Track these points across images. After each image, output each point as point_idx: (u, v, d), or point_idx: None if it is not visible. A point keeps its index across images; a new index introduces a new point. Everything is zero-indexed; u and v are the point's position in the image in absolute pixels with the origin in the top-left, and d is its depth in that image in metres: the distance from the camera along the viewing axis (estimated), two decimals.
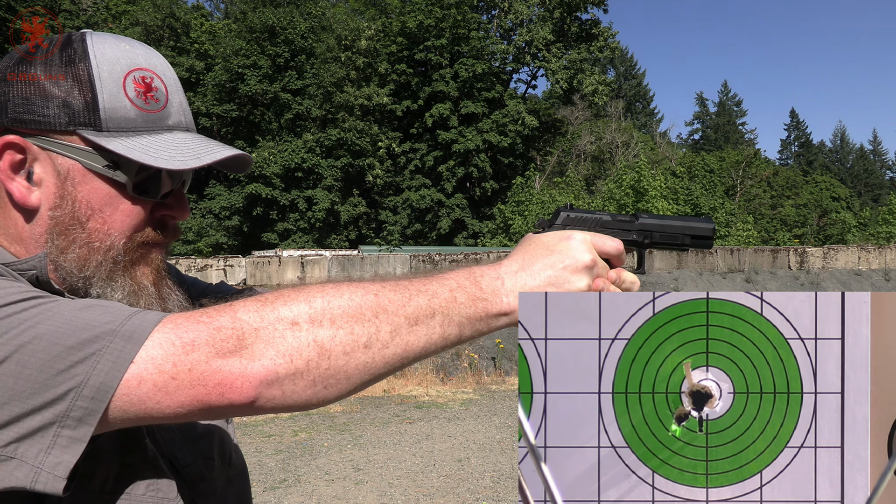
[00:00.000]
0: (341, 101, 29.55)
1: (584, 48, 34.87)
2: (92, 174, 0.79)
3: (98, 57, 0.79)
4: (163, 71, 0.83)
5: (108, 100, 0.78)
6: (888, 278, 18.16)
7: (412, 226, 31.35)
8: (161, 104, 0.81)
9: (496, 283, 0.78)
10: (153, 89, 0.81)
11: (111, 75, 0.78)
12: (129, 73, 0.79)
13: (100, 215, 0.79)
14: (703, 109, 71.28)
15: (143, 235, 0.82)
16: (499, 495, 5.92)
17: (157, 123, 0.81)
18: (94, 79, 0.78)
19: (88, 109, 0.77)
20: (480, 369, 13.52)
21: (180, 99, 0.84)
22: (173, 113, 0.83)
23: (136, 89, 0.79)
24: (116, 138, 0.78)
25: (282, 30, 30.07)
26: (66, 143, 0.78)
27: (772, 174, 44.05)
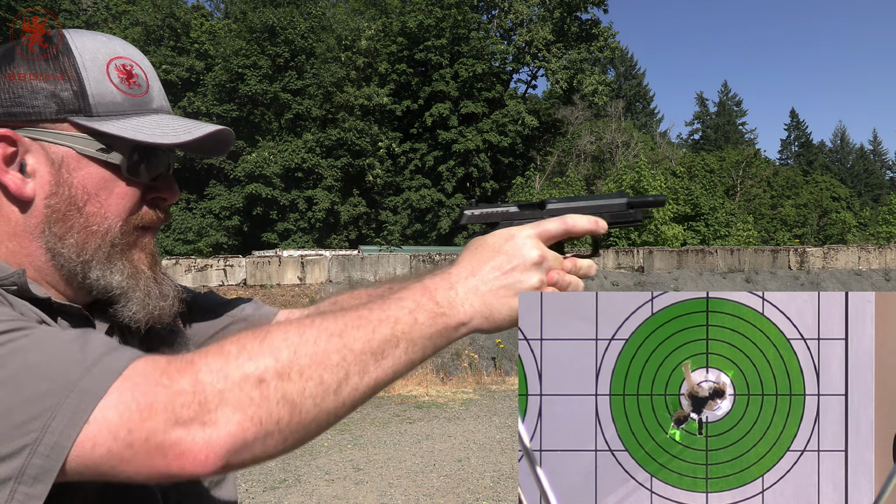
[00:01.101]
0: (341, 101, 29.56)
1: (584, 48, 34.87)
2: (86, 159, 0.81)
3: (79, 48, 0.82)
4: (140, 60, 0.86)
5: (95, 86, 0.80)
6: (888, 278, 18.15)
7: (412, 226, 31.36)
8: (143, 89, 0.85)
9: (450, 293, 0.76)
10: (134, 76, 0.84)
11: (94, 63, 0.81)
12: (111, 60, 0.83)
13: (96, 199, 0.81)
14: (703, 109, 71.32)
15: (137, 218, 0.85)
16: (499, 495, 5.91)
17: (143, 106, 0.84)
18: (80, 68, 0.80)
19: (77, 96, 0.79)
20: (480, 369, 13.51)
21: (159, 86, 0.88)
22: (155, 97, 0.86)
23: (119, 76, 0.82)
24: (107, 121, 0.80)
25: (282, 30, 30.07)
26: (57, 131, 0.80)
27: (772, 174, 44.07)
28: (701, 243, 28.02)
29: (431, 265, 16.10)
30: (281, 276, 15.27)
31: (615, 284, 16.85)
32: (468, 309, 0.76)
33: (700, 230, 29.05)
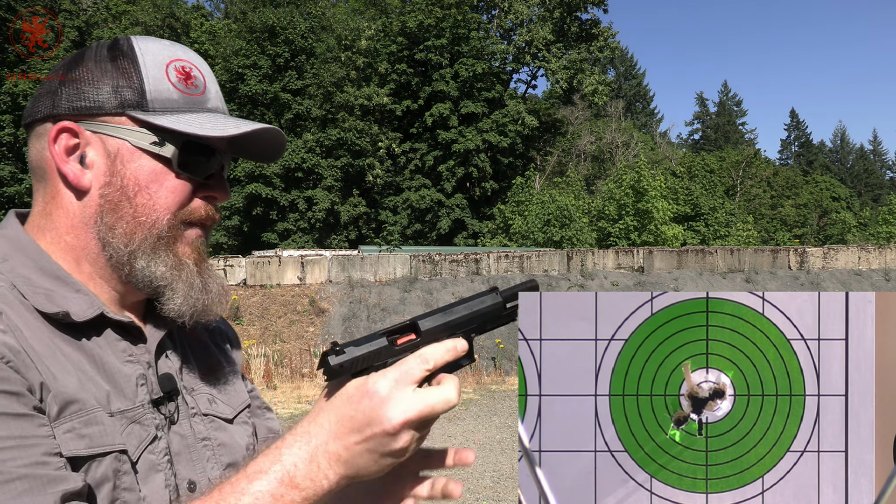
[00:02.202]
0: (341, 101, 29.55)
1: (584, 48, 34.87)
2: (140, 151, 0.84)
3: (142, 50, 0.86)
4: (199, 64, 0.90)
5: (153, 83, 0.85)
6: (888, 278, 18.14)
7: (412, 226, 31.35)
8: (200, 90, 0.88)
9: (311, 468, 0.73)
10: (192, 77, 0.88)
11: (154, 63, 0.86)
12: (171, 62, 0.87)
13: (146, 191, 0.84)
14: (703, 109, 71.33)
15: (186, 213, 0.87)
16: (499, 495, 5.91)
17: (198, 105, 0.87)
18: (140, 66, 0.85)
19: (136, 92, 0.84)
20: (480, 369, 13.50)
21: (216, 89, 0.92)
22: (212, 98, 0.89)
23: (177, 76, 0.87)
24: (162, 116, 0.84)
25: (282, 30, 30.06)
26: (115, 124, 0.84)
27: (772, 174, 44.07)
28: (701, 243, 28.01)
29: (431, 265, 16.09)
30: (281, 276, 15.27)
31: (615, 284, 16.84)
32: (333, 477, 0.73)
33: (700, 230, 29.05)
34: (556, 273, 16.79)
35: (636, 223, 25.87)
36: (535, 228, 25.22)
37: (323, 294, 15.06)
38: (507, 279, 16.09)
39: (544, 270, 16.71)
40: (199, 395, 0.93)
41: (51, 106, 0.84)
